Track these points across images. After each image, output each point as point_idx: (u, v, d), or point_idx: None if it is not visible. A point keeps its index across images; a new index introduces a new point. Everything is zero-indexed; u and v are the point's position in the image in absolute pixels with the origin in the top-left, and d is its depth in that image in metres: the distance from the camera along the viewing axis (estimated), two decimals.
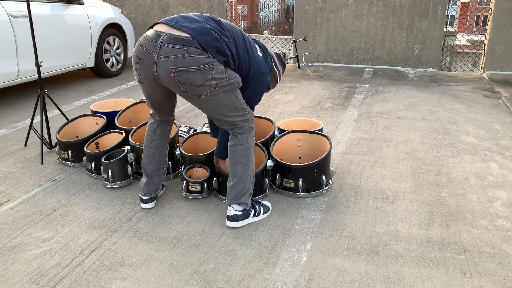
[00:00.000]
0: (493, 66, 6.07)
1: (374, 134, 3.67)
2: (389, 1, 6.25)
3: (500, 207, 2.49)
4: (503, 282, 1.88)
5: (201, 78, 1.97)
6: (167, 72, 1.98)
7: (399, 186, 2.74)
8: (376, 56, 6.53)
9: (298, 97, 4.91)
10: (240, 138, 2.21)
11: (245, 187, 2.25)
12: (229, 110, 2.12)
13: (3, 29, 4.24)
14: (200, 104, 2.10)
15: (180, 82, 1.99)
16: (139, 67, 2.08)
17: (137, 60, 2.07)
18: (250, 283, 1.89)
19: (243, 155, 2.21)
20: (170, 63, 1.96)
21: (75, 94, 5.09)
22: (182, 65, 1.95)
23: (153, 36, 2.00)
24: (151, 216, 2.43)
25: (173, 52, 1.94)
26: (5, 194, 2.70)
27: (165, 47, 1.95)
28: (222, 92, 2.05)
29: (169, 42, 1.95)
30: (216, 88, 2.02)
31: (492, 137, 3.57)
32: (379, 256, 2.06)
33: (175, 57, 1.94)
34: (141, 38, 2.07)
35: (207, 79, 1.98)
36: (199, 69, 1.96)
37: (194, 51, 1.94)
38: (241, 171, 2.23)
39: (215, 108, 2.10)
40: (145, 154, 2.45)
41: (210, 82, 2.00)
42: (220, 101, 2.08)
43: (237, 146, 2.21)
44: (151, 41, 2.00)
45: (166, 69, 1.98)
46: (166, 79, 2.01)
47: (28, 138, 3.43)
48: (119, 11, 6.03)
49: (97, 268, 1.99)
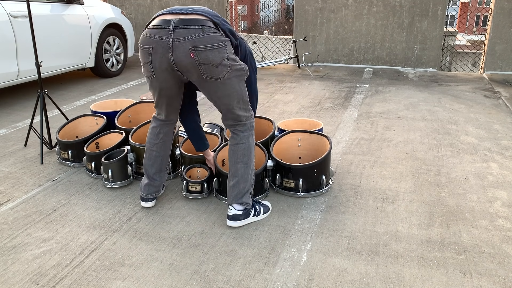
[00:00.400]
0: (493, 66, 6.07)
1: (374, 134, 3.67)
2: (389, 1, 6.25)
3: (500, 207, 2.49)
4: (503, 282, 1.88)
5: (219, 56, 1.99)
6: (186, 53, 1.98)
7: (399, 186, 2.74)
8: (376, 56, 6.53)
9: (298, 97, 4.91)
10: (242, 137, 2.22)
11: (246, 186, 2.26)
12: (237, 101, 2.15)
13: (3, 29, 4.24)
14: (215, 90, 2.10)
15: (200, 62, 1.99)
16: (152, 57, 2.05)
17: (149, 51, 2.04)
18: (250, 283, 1.89)
19: (244, 154, 2.22)
20: (188, 44, 1.96)
21: (75, 94, 5.09)
22: (201, 43, 1.96)
23: (162, 23, 2.00)
24: (151, 216, 2.43)
25: (189, 32, 1.95)
26: (5, 194, 2.70)
27: (179, 30, 1.96)
28: (235, 76, 2.08)
29: (182, 24, 1.96)
30: (231, 70, 2.05)
31: (492, 137, 3.57)
32: (379, 256, 2.06)
33: (192, 36, 1.95)
34: (146, 31, 2.06)
35: (224, 58, 2.01)
36: (217, 46, 1.98)
37: (209, 29, 1.97)
38: (242, 170, 2.23)
39: (227, 95, 2.11)
40: (147, 156, 2.44)
41: (226, 62, 2.02)
42: (233, 87, 2.10)
43: (238, 145, 2.21)
44: (161, 28, 1.99)
45: (184, 50, 1.97)
46: (185, 61, 2.00)
47: (28, 138, 3.43)
48: (119, 11, 6.03)
49: (97, 268, 1.99)
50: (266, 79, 5.82)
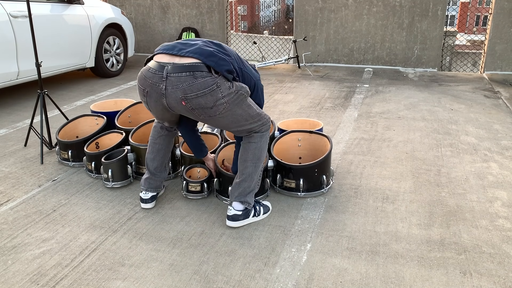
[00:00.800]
0: (493, 66, 6.07)
1: (374, 134, 3.67)
2: (389, 1, 6.25)
3: (500, 207, 2.49)
4: (503, 282, 1.88)
5: (212, 100, 1.99)
6: (177, 101, 2.00)
7: (399, 186, 2.74)
8: (376, 56, 6.53)
9: (298, 97, 4.91)
10: (255, 137, 2.24)
11: (251, 185, 2.27)
12: (244, 120, 2.15)
13: (3, 29, 4.24)
14: (216, 123, 2.13)
15: (192, 108, 2.01)
16: (147, 99, 2.10)
17: (144, 93, 2.09)
18: (250, 283, 1.89)
19: (254, 153, 2.24)
20: (179, 92, 1.98)
21: (75, 94, 5.09)
22: (191, 91, 1.96)
23: (157, 68, 2.02)
24: (151, 216, 2.43)
25: (179, 80, 1.96)
26: (5, 194, 2.70)
27: (171, 77, 1.97)
28: (235, 105, 2.08)
29: (174, 72, 1.97)
30: (228, 104, 2.05)
31: (492, 137, 3.57)
32: (379, 256, 2.06)
33: (183, 85, 1.96)
34: (144, 70, 2.09)
35: (218, 99, 2.00)
36: (209, 91, 1.97)
37: (200, 74, 1.96)
38: (251, 169, 2.24)
39: (231, 122, 2.13)
40: (149, 150, 2.47)
41: (222, 101, 2.01)
42: (234, 114, 2.10)
43: (250, 144, 2.23)
44: (155, 73, 2.01)
45: (176, 98, 2.00)
46: (177, 107, 2.04)
47: (28, 138, 3.43)
48: (119, 11, 6.03)
49: (97, 268, 1.99)
50: (266, 79, 5.82)
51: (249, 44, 14.64)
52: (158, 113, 2.19)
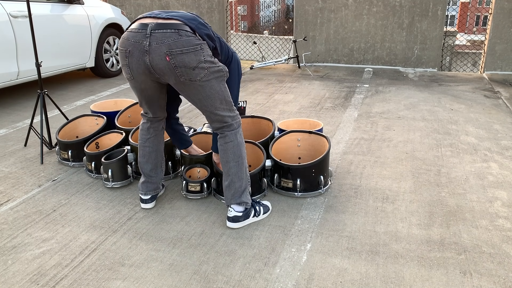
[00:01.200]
0: (493, 66, 6.07)
1: (374, 134, 3.67)
2: (389, 1, 6.25)
3: (500, 207, 2.49)
4: (503, 282, 1.88)
5: (195, 59, 2.01)
6: (161, 56, 2.00)
7: (399, 186, 2.74)
8: (376, 56, 6.53)
9: (298, 97, 4.91)
10: (229, 136, 2.22)
11: (242, 184, 2.25)
12: (219, 101, 2.15)
13: (3, 29, 4.24)
14: (195, 93, 2.11)
15: (175, 65, 2.01)
16: (129, 60, 2.08)
17: (126, 53, 2.08)
18: (250, 283, 1.89)
19: (234, 152, 2.22)
20: (164, 47, 1.99)
21: (75, 94, 5.09)
22: (176, 46, 1.98)
23: (140, 27, 2.03)
24: (151, 216, 2.43)
25: (164, 36, 1.99)
26: (5, 194, 2.70)
27: (155, 33, 1.99)
28: (214, 78, 2.10)
29: (158, 28, 1.99)
30: (209, 73, 2.07)
31: (492, 137, 3.57)
32: (379, 256, 2.06)
33: (168, 40, 1.98)
34: (124, 34, 2.10)
35: (200, 61, 2.02)
36: (193, 50, 2.00)
37: (185, 33, 2.00)
38: (235, 169, 2.23)
39: (207, 97, 2.12)
40: (141, 154, 2.45)
41: (203, 65, 2.04)
42: (212, 88, 2.11)
43: (227, 144, 2.22)
44: (139, 31, 2.03)
45: (160, 53, 2.00)
46: (160, 64, 2.02)
47: (28, 138, 3.43)
48: (119, 11, 6.03)
49: (97, 268, 1.99)
50: (266, 79, 5.82)
51: (249, 44, 14.64)
52: (140, 79, 2.14)
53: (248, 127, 3.19)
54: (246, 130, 3.19)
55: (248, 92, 5.13)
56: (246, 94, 5.05)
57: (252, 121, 3.18)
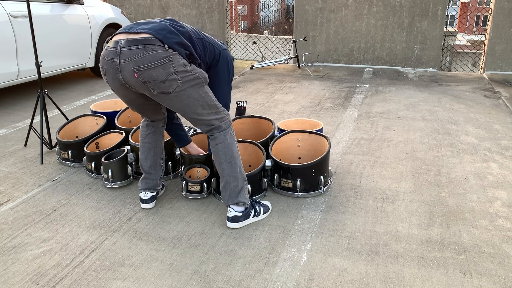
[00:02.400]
0: (493, 66, 6.07)
1: (374, 134, 3.67)
2: (389, 1, 6.25)
3: (500, 207, 2.49)
4: (503, 282, 1.88)
5: (164, 73, 2.00)
6: (130, 74, 2.02)
7: (399, 186, 2.74)
8: (376, 56, 6.53)
9: (298, 97, 4.91)
10: (218, 137, 2.22)
11: (238, 184, 2.25)
12: (201, 107, 2.14)
13: (3, 29, 4.24)
14: (171, 103, 2.11)
15: (144, 81, 2.02)
16: (106, 78, 2.12)
17: (104, 71, 2.11)
18: (250, 283, 1.89)
19: (225, 153, 2.22)
20: (131, 65, 2.00)
21: (75, 94, 5.09)
22: (143, 63, 1.99)
23: (112, 44, 2.06)
24: (151, 216, 2.43)
25: (132, 53, 1.99)
26: (5, 194, 2.70)
27: (124, 51, 2.00)
28: (190, 87, 2.08)
29: (127, 46, 2.00)
30: (182, 83, 2.05)
31: (492, 137, 3.57)
32: (379, 256, 2.06)
33: (134, 57, 1.99)
34: (102, 51, 2.12)
35: (170, 73, 2.01)
36: (160, 64, 1.99)
37: (152, 47, 1.99)
38: (228, 169, 2.23)
39: (186, 106, 2.12)
40: (141, 151, 2.48)
41: (174, 76, 2.02)
42: (190, 97, 2.10)
43: (218, 146, 2.22)
44: (111, 50, 2.04)
45: (129, 71, 2.01)
46: (131, 81, 2.04)
47: (28, 138, 3.43)
48: (119, 11, 6.03)
49: (97, 268, 1.99)
50: (266, 79, 5.82)
51: (249, 44, 14.63)
52: (121, 93, 2.17)
53: (248, 127, 3.19)
54: (246, 130, 3.19)
55: (248, 92, 5.13)
56: (246, 94, 5.05)
57: (252, 121, 3.18)
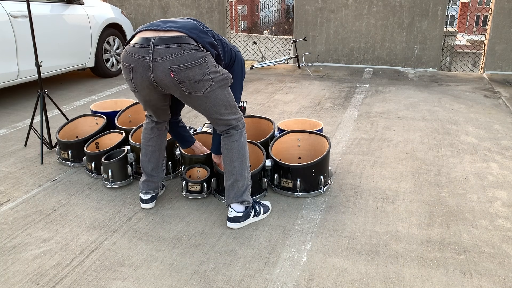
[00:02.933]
0: (493, 66, 6.07)
1: (374, 134, 3.67)
2: (389, 1, 6.25)
3: (500, 207, 2.49)
4: (503, 282, 1.88)
5: (200, 73, 2.00)
6: (165, 73, 1.99)
7: (399, 186, 2.74)
8: (376, 56, 6.53)
9: (298, 97, 4.91)
10: (235, 134, 2.23)
11: (244, 183, 2.26)
12: (224, 108, 2.16)
13: (3, 29, 4.24)
14: (199, 103, 2.12)
15: (180, 81, 2.01)
16: (133, 76, 2.08)
17: (130, 69, 2.07)
18: (250, 283, 1.89)
19: (239, 151, 2.23)
20: (167, 63, 1.97)
21: (75, 94, 5.09)
22: (180, 62, 1.97)
23: (142, 42, 2.01)
24: (151, 216, 2.43)
25: (167, 52, 1.96)
26: (5, 194, 2.70)
27: (158, 49, 1.97)
28: (218, 87, 2.09)
29: (161, 44, 1.97)
30: (213, 83, 2.06)
31: (492, 137, 3.57)
32: (379, 256, 2.06)
33: (171, 56, 1.96)
34: (127, 48, 2.08)
35: (205, 73, 2.02)
36: (197, 64, 1.99)
37: (188, 47, 1.98)
38: (239, 168, 2.24)
39: (212, 105, 2.13)
40: (143, 153, 2.46)
41: (208, 77, 2.03)
42: (217, 97, 2.11)
43: (232, 144, 2.23)
44: (141, 47, 2.00)
45: (164, 70, 1.99)
46: (165, 80, 2.02)
47: (28, 138, 3.43)
48: (119, 11, 6.03)
49: (97, 268, 1.99)
50: (266, 79, 5.82)
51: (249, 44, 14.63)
52: (144, 93, 2.15)
53: (248, 127, 3.19)
54: (246, 130, 3.19)
55: (248, 92, 5.13)
56: (246, 94, 5.05)
57: (252, 121, 3.18)
